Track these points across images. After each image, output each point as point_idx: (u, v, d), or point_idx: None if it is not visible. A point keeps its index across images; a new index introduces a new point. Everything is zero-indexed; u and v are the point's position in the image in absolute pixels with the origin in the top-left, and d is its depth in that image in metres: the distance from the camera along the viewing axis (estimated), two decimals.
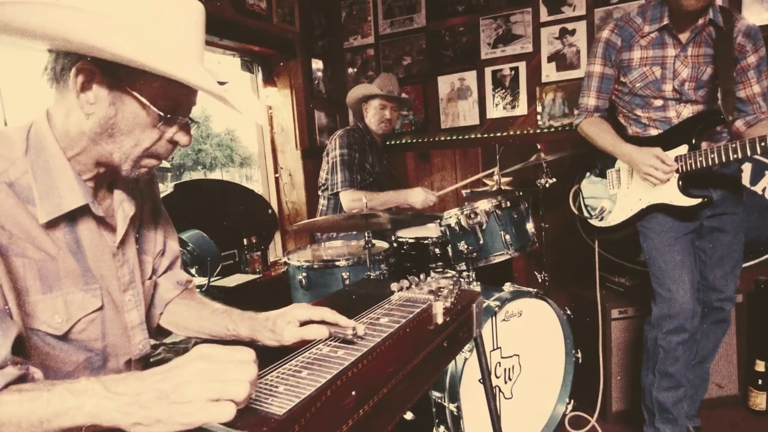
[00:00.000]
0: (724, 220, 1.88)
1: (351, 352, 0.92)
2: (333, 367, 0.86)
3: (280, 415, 0.70)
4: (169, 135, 0.94)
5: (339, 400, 0.77)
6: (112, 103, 0.87)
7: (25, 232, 0.85)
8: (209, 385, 0.64)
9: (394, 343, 0.98)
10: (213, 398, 0.64)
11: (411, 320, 1.09)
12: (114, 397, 0.66)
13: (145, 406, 0.64)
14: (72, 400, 0.66)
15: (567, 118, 3.01)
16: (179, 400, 0.64)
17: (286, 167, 3.52)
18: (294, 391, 0.77)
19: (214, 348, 0.70)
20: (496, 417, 1.51)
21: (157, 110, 0.88)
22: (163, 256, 1.20)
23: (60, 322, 0.90)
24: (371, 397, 0.80)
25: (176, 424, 0.64)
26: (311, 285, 2.28)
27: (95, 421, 0.66)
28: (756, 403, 2.29)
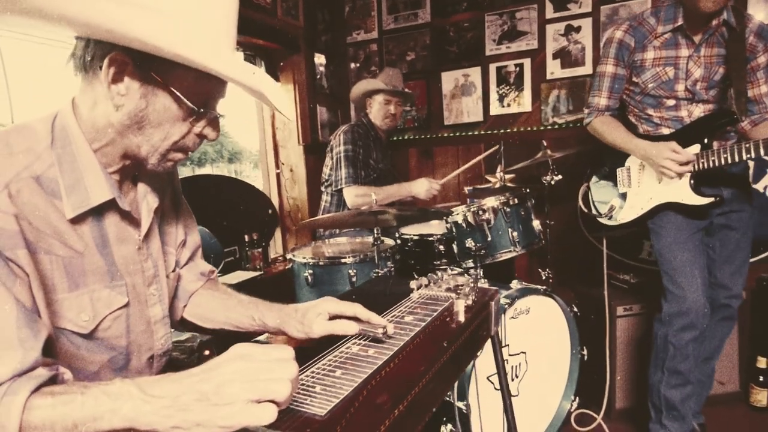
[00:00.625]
0: (733, 218, 1.89)
1: (382, 351, 0.91)
2: (366, 366, 0.85)
3: (322, 416, 0.69)
4: (199, 129, 0.93)
5: (375, 399, 0.77)
6: (144, 96, 0.85)
7: (52, 228, 0.83)
8: (251, 384, 0.62)
9: (422, 342, 0.98)
10: (255, 398, 0.62)
11: (435, 318, 1.09)
12: (151, 400, 0.64)
13: (184, 409, 0.63)
14: (108, 403, 0.65)
15: (571, 115, 3.02)
16: (220, 401, 0.62)
17: (287, 163, 3.49)
18: (331, 391, 0.76)
19: (252, 347, 0.68)
20: (512, 416, 1.51)
21: (191, 104, 0.87)
22: (185, 247, 1.18)
23: (86, 320, 0.88)
24: (405, 397, 0.80)
25: (217, 427, 0.62)
26: (317, 282, 2.26)
27: (132, 424, 0.64)
28: (757, 399, 2.31)
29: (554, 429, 2.12)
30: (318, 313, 1.04)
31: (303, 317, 1.05)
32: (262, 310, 1.12)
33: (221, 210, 2.97)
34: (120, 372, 0.97)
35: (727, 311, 1.96)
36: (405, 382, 0.82)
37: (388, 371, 0.85)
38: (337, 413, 0.70)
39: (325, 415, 0.70)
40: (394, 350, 0.92)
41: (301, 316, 1.05)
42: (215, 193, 3.08)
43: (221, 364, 0.66)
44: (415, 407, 0.83)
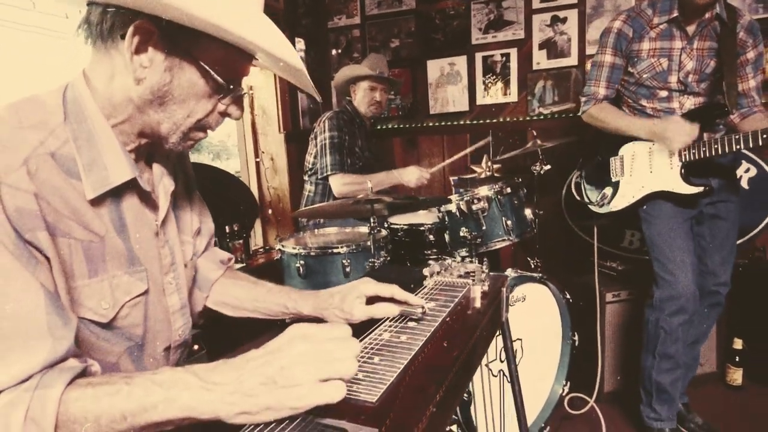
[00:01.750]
0: (721, 208, 1.96)
1: (414, 337, 0.90)
2: (404, 352, 0.84)
3: (373, 402, 0.68)
4: (223, 106, 0.88)
5: (418, 384, 0.76)
6: (169, 69, 0.79)
7: (72, 210, 0.77)
8: (317, 365, 0.61)
9: (449, 327, 0.97)
10: (323, 378, 0.60)
11: (456, 304, 1.09)
12: (214, 388, 0.61)
13: (250, 394, 0.60)
14: (160, 393, 0.62)
15: (557, 105, 3.05)
16: (288, 383, 0.60)
17: (267, 151, 3.41)
18: (375, 377, 0.75)
19: (310, 327, 0.66)
20: (521, 402, 1.51)
21: (220, 79, 0.82)
22: (200, 235, 1.13)
23: (106, 308, 0.83)
24: (444, 381, 0.80)
25: (287, 409, 0.60)
26: (309, 273, 2.22)
27: (191, 413, 0.61)
28: (733, 378, 2.42)
29: (547, 412, 2.15)
30: (357, 296, 1.03)
31: (342, 302, 1.04)
32: (294, 298, 1.11)
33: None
34: (136, 362, 0.92)
35: (716, 298, 2.03)
36: (441, 367, 0.82)
37: (424, 356, 0.85)
38: (386, 399, 0.69)
39: (376, 402, 0.68)
40: (426, 336, 0.91)
41: (339, 302, 1.04)
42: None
43: (283, 347, 0.63)
44: (451, 391, 0.83)
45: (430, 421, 0.70)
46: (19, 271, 0.67)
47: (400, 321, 0.95)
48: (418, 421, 0.66)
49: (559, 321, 2.21)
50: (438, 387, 0.76)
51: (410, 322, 0.97)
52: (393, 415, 0.66)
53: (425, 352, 0.86)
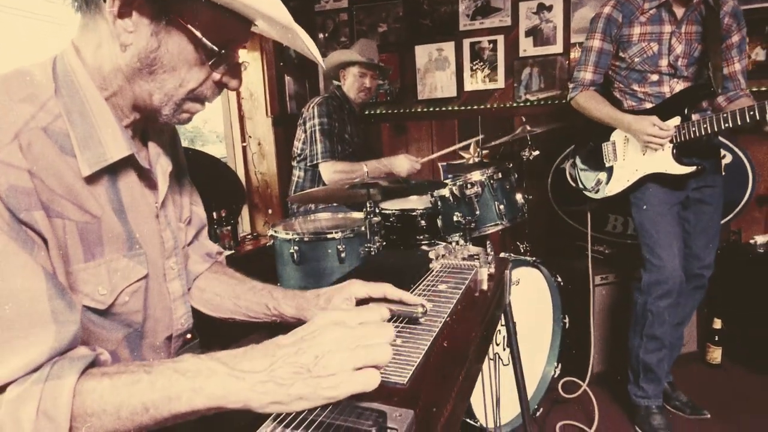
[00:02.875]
0: (707, 193, 2.01)
1: (432, 319, 0.91)
2: (425, 333, 0.85)
3: (404, 384, 0.69)
4: (218, 76, 0.83)
5: (442, 365, 0.77)
6: (155, 33, 0.74)
7: (66, 188, 0.72)
8: (352, 352, 0.58)
9: (462, 309, 0.99)
10: (358, 366, 0.58)
11: (467, 286, 1.10)
12: (245, 376, 0.58)
13: (282, 383, 0.57)
14: (185, 382, 0.58)
15: (543, 92, 3.08)
16: (322, 372, 0.57)
17: (254, 136, 3.36)
18: (401, 359, 0.76)
19: (343, 312, 0.64)
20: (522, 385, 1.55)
21: (210, 44, 0.77)
22: (190, 224, 1.07)
23: (104, 294, 0.79)
24: (465, 361, 0.81)
25: (321, 399, 0.57)
26: (303, 259, 2.21)
27: (219, 403, 0.57)
28: (713, 357, 2.51)
29: (540, 394, 2.20)
30: (344, 298, 0.95)
31: (327, 304, 0.96)
32: (277, 298, 1.01)
33: None
34: (135, 352, 0.88)
35: (700, 280, 2.10)
36: (462, 348, 0.83)
37: (444, 337, 0.86)
38: (416, 381, 0.70)
39: (408, 383, 0.69)
40: (444, 317, 0.92)
41: (324, 303, 0.96)
42: None
43: (315, 334, 0.61)
44: (470, 371, 0.85)
45: (455, 401, 0.71)
46: (17, 253, 0.62)
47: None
48: (447, 401, 0.67)
49: (550, 304, 2.25)
50: (460, 369, 0.77)
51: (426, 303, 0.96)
52: (424, 395, 0.67)
53: (444, 333, 0.87)
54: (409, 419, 0.58)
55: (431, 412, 0.63)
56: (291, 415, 0.58)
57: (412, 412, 0.59)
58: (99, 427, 0.58)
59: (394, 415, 0.58)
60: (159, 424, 0.59)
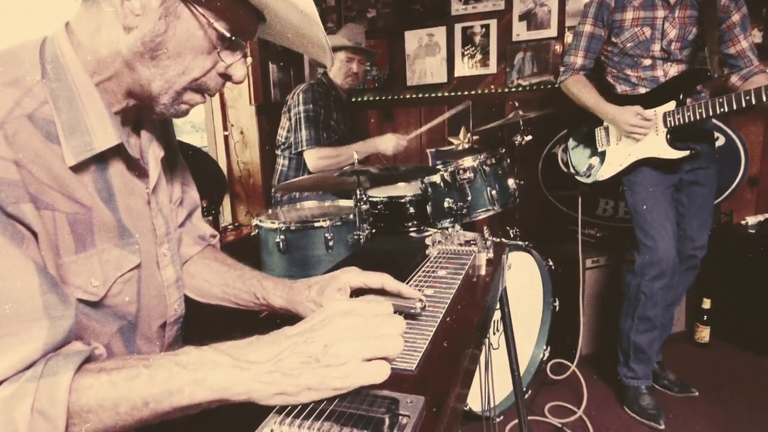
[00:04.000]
0: (700, 175, 2.02)
1: (435, 305, 0.89)
2: (429, 319, 0.84)
3: (413, 371, 0.68)
4: (223, 66, 0.79)
5: (447, 349, 0.77)
6: (163, 16, 0.71)
7: (54, 178, 0.69)
8: (362, 342, 0.57)
9: (462, 295, 0.98)
10: (368, 357, 0.57)
11: (467, 271, 1.09)
12: (250, 366, 0.56)
13: (290, 374, 0.55)
14: (186, 375, 0.56)
15: (536, 77, 3.06)
16: (332, 362, 0.56)
17: (237, 124, 3.29)
18: (407, 346, 0.74)
19: (352, 302, 0.63)
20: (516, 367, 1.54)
21: (221, 29, 0.74)
22: (181, 206, 1.04)
23: (97, 285, 0.76)
24: (469, 345, 0.81)
25: (329, 389, 0.55)
26: (289, 248, 2.17)
27: (223, 395, 0.56)
28: (701, 336, 2.56)
29: (528, 377, 2.22)
30: (338, 288, 0.91)
31: (319, 295, 0.91)
32: (266, 287, 0.98)
33: None
34: (129, 344, 0.86)
35: (692, 261, 2.12)
36: (465, 333, 0.83)
37: (448, 323, 0.85)
38: (424, 367, 0.69)
39: (416, 369, 0.68)
40: (447, 303, 0.91)
41: (316, 294, 0.92)
42: None
43: (326, 322, 0.60)
44: (473, 356, 0.85)
45: (462, 385, 0.71)
46: (6, 247, 0.60)
47: None
48: (454, 386, 0.67)
49: (541, 288, 2.26)
50: (465, 354, 0.77)
51: (427, 289, 0.95)
52: (433, 381, 0.66)
53: (448, 319, 0.86)
54: (420, 405, 0.56)
55: (441, 397, 0.62)
56: (299, 406, 0.56)
57: (423, 398, 0.58)
58: (97, 423, 0.56)
59: (406, 402, 0.57)
60: (159, 418, 0.57)
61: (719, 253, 2.48)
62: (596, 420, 2.03)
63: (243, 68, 0.82)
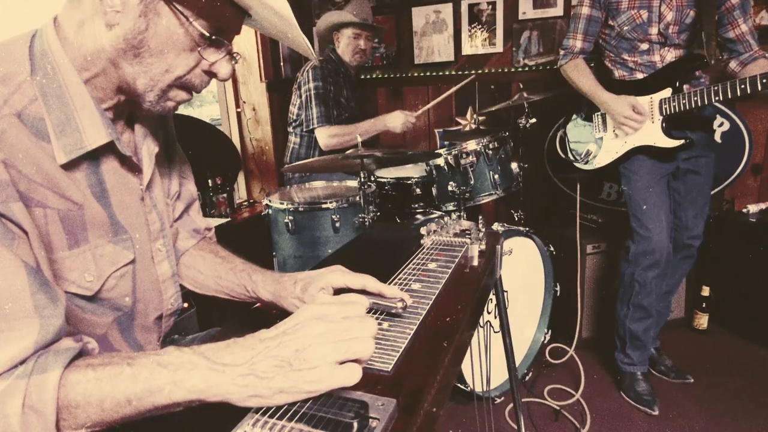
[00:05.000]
0: (698, 163, 2.00)
1: (420, 301, 0.91)
2: (412, 317, 0.85)
3: (389, 371, 0.69)
4: (208, 64, 0.79)
5: (428, 348, 0.78)
6: (144, 14, 0.71)
7: (45, 176, 0.70)
8: (334, 346, 0.59)
9: (451, 289, 0.99)
10: (340, 360, 0.59)
11: (457, 264, 1.11)
12: (224, 369, 0.58)
13: (263, 377, 0.57)
14: (166, 375, 0.58)
15: (542, 57, 3.01)
16: (303, 366, 0.57)
17: (249, 101, 3.31)
18: (386, 344, 0.76)
19: (324, 306, 0.65)
20: (510, 351, 1.59)
21: (200, 28, 0.74)
22: (179, 199, 1.06)
23: (91, 280, 0.78)
24: (452, 343, 0.81)
25: (301, 392, 0.57)
26: (298, 228, 2.22)
27: (200, 396, 0.58)
28: (699, 323, 2.58)
29: (529, 359, 2.27)
30: (320, 287, 0.93)
31: (303, 292, 0.94)
32: (255, 280, 1.01)
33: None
34: (126, 333, 0.89)
35: (689, 250, 2.11)
36: (448, 330, 0.84)
37: (431, 319, 0.86)
38: (401, 367, 0.70)
39: (391, 370, 0.69)
40: (432, 299, 0.92)
41: (300, 291, 0.94)
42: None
43: (297, 327, 0.61)
44: (457, 350, 0.85)
45: (441, 383, 0.71)
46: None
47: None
48: (431, 386, 0.67)
49: (542, 273, 2.29)
50: (447, 350, 0.78)
51: (414, 283, 0.97)
52: (408, 382, 0.67)
53: (431, 315, 0.88)
54: (391, 408, 0.58)
55: (415, 398, 0.64)
56: (273, 407, 0.59)
57: (394, 401, 0.59)
58: (85, 418, 0.59)
59: (377, 405, 0.58)
60: (142, 415, 0.60)
61: (719, 240, 2.48)
62: (593, 404, 2.07)
63: (228, 66, 0.82)
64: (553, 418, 2.01)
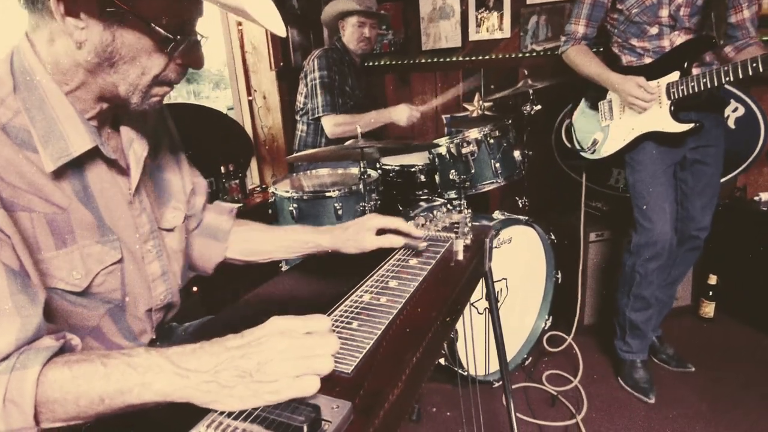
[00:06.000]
0: (706, 153, 1.95)
1: (394, 299, 0.92)
2: (382, 316, 0.86)
3: (349, 373, 0.71)
4: (179, 58, 0.83)
5: (395, 349, 0.79)
6: (108, 27, 0.73)
7: (29, 184, 0.75)
8: (294, 362, 0.62)
9: (429, 286, 1.00)
10: (298, 375, 0.61)
11: (439, 260, 1.11)
12: (188, 375, 0.62)
13: (225, 385, 0.60)
14: (136, 377, 0.62)
15: (550, 42, 2.96)
16: (264, 378, 0.60)
17: (260, 90, 3.35)
18: (352, 345, 0.77)
19: (290, 320, 0.67)
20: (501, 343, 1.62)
21: (163, 32, 0.76)
22: (196, 194, 1.14)
23: (79, 277, 0.83)
24: (421, 343, 0.82)
25: (261, 401, 0.61)
26: (302, 216, 2.27)
27: (167, 398, 0.62)
28: (706, 312, 2.55)
29: (528, 346, 2.30)
30: (368, 229, 1.16)
31: (356, 234, 1.16)
32: (311, 233, 1.22)
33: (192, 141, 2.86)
34: (119, 323, 0.94)
35: (695, 242, 2.07)
36: (419, 329, 0.85)
37: (402, 319, 0.88)
38: (362, 369, 0.72)
39: (352, 372, 0.71)
40: (406, 297, 0.93)
41: (353, 234, 1.17)
42: (187, 122, 2.95)
43: (262, 341, 0.64)
44: (429, 350, 0.86)
45: (406, 384, 0.72)
46: None
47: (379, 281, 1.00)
48: (394, 387, 0.68)
49: (543, 260, 2.30)
50: (415, 350, 0.79)
51: (392, 281, 0.99)
52: (368, 384, 0.68)
53: (404, 314, 0.88)
54: (345, 411, 0.60)
55: (374, 400, 0.65)
56: None
57: (349, 403, 0.61)
58: (62, 413, 0.63)
59: (332, 407, 0.61)
60: (116, 411, 0.64)
61: (729, 228, 2.44)
62: (591, 390, 2.10)
63: (198, 54, 0.85)
64: (550, 404, 2.04)
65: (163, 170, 1.04)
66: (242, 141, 3.33)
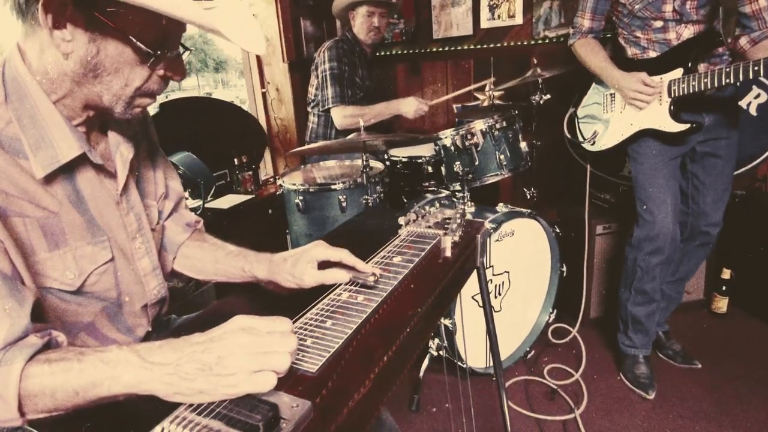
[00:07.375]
0: (717, 145, 1.89)
1: (371, 298, 0.93)
2: (356, 315, 0.87)
3: (313, 373, 0.72)
4: (161, 71, 0.86)
5: (366, 348, 0.79)
6: (93, 40, 0.77)
7: (21, 190, 0.79)
8: (252, 357, 0.64)
9: (410, 284, 1.00)
10: (256, 370, 0.64)
11: (423, 258, 1.11)
12: (152, 368, 0.65)
13: (186, 378, 0.63)
14: (107, 371, 0.66)
15: (563, 28, 2.90)
16: (222, 372, 0.63)
17: (273, 82, 3.39)
18: (322, 344, 0.78)
19: (253, 319, 0.70)
20: (494, 336, 1.63)
21: (144, 47, 0.79)
22: (167, 198, 1.15)
23: (72, 277, 0.88)
24: (394, 342, 0.82)
25: (220, 394, 0.63)
26: (308, 208, 2.31)
27: (134, 390, 0.66)
28: (718, 306, 2.50)
29: (532, 339, 2.30)
30: (307, 261, 1.01)
31: (293, 267, 1.01)
32: (251, 261, 1.10)
33: (207, 133, 2.92)
34: (115, 318, 0.99)
35: (706, 238, 2.02)
36: (394, 328, 0.85)
37: (378, 318, 0.88)
38: (328, 368, 0.73)
39: (317, 372, 0.71)
40: (383, 296, 0.93)
41: (291, 267, 1.02)
42: (202, 115, 3.01)
43: (224, 336, 0.67)
44: (403, 350, 0.86)
45: (375, 383, 0.72)
46: None
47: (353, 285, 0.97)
48: (360, 386, 0.69)
49: (548, 253, 2.29)
50: (387, 348, 0.79)
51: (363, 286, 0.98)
52: (331, 383, 0.69)
53: (380, 313, 0.89)
54: (304, 410, 0.61)
55: (337, 399, 0.66)
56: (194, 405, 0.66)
57: (309, 403, 0.63)
58: (43, 406, 0.68)
59: (292, 406, 0.62)
60: (91, 404, 0.68)
61: (745, 220, 2.37)
62: (592, 385, 2.09)
63: (180, 67, 0.89)
64: (549, 398, 2.04)
65: (143, 171, 1.08)
66: (256, 133, 3.38)
